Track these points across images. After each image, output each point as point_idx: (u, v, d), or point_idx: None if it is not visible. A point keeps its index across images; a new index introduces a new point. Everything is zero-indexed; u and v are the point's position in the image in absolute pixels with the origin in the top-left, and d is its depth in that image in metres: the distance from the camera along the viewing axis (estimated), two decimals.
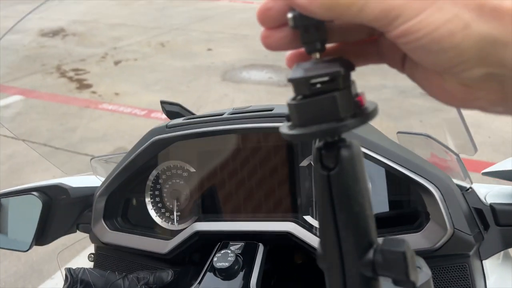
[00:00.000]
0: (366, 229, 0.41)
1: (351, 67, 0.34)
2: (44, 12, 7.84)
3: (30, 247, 0.96)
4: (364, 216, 0.40)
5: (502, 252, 0.75)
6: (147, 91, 4.82)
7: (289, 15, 0.33)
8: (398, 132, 0.76)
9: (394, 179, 0.68)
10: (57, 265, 1.12)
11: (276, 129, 0.71)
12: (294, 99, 0.37)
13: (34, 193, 0.94)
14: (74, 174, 1.01)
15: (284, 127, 0.39)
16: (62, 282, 0.82)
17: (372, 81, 4.63)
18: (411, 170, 0.64)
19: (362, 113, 0.37)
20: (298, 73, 0.34)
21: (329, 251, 0.41)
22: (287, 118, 0.39)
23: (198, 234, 0.76)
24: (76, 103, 4.71)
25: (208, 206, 0.80)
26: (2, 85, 5.28)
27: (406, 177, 0.64)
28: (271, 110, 0.72)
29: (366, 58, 0.35)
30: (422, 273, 0.50)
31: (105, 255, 0.87)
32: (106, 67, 5.82)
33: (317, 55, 0.34)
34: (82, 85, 5.19)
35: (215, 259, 0.68)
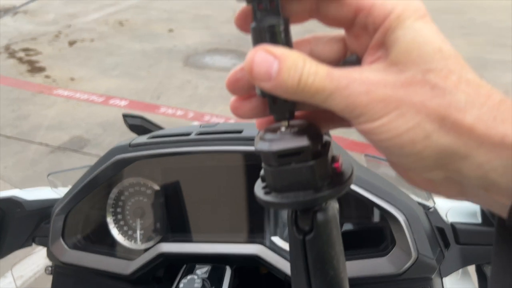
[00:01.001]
0: None
1: (320, 138, 0.33)
2: None
3: None
4: (339, 279, 0.39)
5: (461, 269, 0.78)
6: (104, 76, 4.64)
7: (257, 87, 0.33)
8: (366, 155, 0.76)
9: (360, 202, 0.69)
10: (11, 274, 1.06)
11: (245, 152, 0.70)
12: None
13: None
14: (29, 188, 0.95)
15: (259, 189, 0.37)
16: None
17: None
18: (377, 196, 0.65)
19: (339, 180, 0.36)
20: (264, 146, 0.33)
21: None
22: (262, 178, 0.37)
23: (163, 255, 0.74)
24: (29, 87, 4.47)
25: (173, 226, 0.78)
26: None
27: (372, 203, 0.65)
28: (240, 132, 0.70)
29: (337, 123, 0.35)
30: None
31: (63, 273, 0.83)
32: (60, 48, 5.54)
33: (286, 124, 0.33)
34: (34, 68, 4.93)
35: (181, 285, 0.66)
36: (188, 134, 0.71)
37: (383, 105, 0.27)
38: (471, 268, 0.81)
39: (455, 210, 0.78)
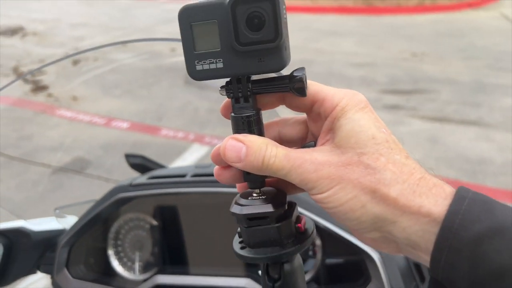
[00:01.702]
0: None
1: (283, 205, 0.41)
2: (1, 8, 7.51)
3: None
4: None
5: None
6: (106, 95, 4.73)
7: None
8: None
9: (339, 239, 0.75)
10: None
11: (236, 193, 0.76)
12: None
13: None
14: (34, 218, 1.01)
15: (236, 244, 0.44)
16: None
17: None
18: (352, 235, 0.71)
19: (302, 238, 0.43)
20: (237, 209, 0.40)
21: None
22: (238, 234, 0.44)
23: (159, 287, 0.80)
24: (31, 107, 4.56)
25: (169, 259, 0.83)
26: None
27: (346, 241, 0.71)
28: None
29: (300, 189, 0.42)
30: None
31: None
32: (64, 67, 5.65)
33: (257, 191, 0.41)
34: (38, 87, 5.03)
35: None
36: (184, 176, 0.78)
37: (328, 181, 0.34)
38: None
39: None
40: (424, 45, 6.34)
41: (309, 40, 6.77)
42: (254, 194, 0.42)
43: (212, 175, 0.77)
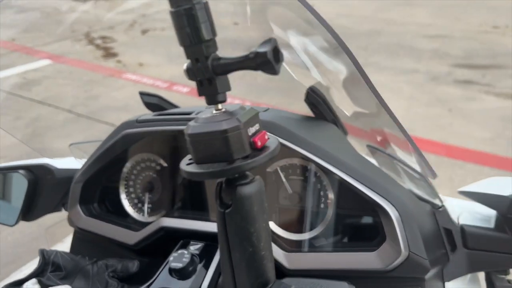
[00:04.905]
0: (261, 270, 0.40)
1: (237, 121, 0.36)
2: None
3: (17, 222, 1.00)
4: (259, 257, 0.39)
5: (469, 275, 0.73)
6: (171, 63, 4.84)
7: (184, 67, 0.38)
8: (368, 145, 0.73)
9: (355, 193, 0.67)
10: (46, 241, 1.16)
11: None
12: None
13: (21, 171, 0.97)
14: (56, 157, 1.03)
15: (184, 161, 0.39)
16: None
17: (405, 63, 4.49)
18: (368, 187, 0.62)
19: (255, 155, 0.36)
20: (187, 128, 0.37)
21: (226, 286, 0.41)
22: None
23: (164, 229, 0.77)
24: (101, 71, 4.79)
25: (177, 202, 0.81)
26: (32, 49, 5.41)
27: (362, 194, 0.63)
28: None
29: None
30: None
31: (81, 238, 0.89)
32: (133, 36, 5.85)
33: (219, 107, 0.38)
34: (109, 54, 5.26)
35: (171, 258, 0.68)
36: (190, 113, 0.74)
37: None
38: (482, 276, 0.75)
39: (468, 212, 0.73)
40: (508, 18, 5.73)
41: (380, 9, 6.40)
42: (214, 111, 0.37)
43: None
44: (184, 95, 4.12)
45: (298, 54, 0.70)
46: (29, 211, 1.00)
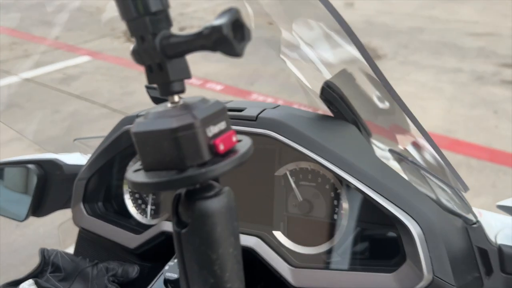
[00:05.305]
0: None
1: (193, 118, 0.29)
2: None
3: (26, 218, 0.98)
4: None
5: None
6: (205, 61, 4.83)
7: None
8: (390, 150, 0.64)
9: (373, 205, 0.58)
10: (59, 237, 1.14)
11: (244, 132, 0.64)
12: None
13: (30, 166, 0.95)
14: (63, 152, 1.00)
15: (134, 166, 0.32)
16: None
17: (448, 62, 4.27)
18: (386, 199, 0.54)
19: (215, 161, 0.29)
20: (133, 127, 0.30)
21: None
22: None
23: (165, 234, 0.72)
24: (137, 67, 4.84)
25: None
26: (74, 46, 5.57)
27: (380, 206, 0.54)
28: (241, 111, 0.64)
29: None
30: None
31: (84, 238, 0.86)
32: None
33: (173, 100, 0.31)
34: None
35: (166, 267, 0.63)
36: None
37: None
38: None
39: (508, 230, 0.63)
40: None
41: (422, 6, 6.14)
42: (169, 105, 0.30)
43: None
44: (218, 92, 4.10)
45: (311, 47, 0.62)
46: (39, 207, 0.98)
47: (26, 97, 4.23)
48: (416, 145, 0.63)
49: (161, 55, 0.29)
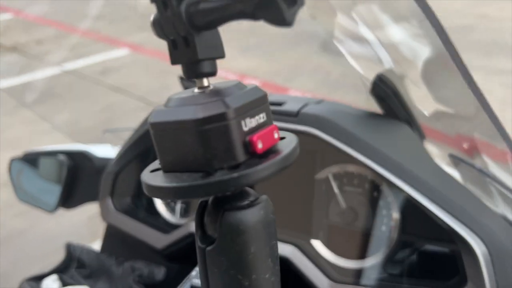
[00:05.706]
0: None
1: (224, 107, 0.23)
2: None
3: (56, 208, 0.96)
4: None
5: None
6: (243, 56, 4.80)
7: None
8: (450, 155, 0.56)
9: (428, 217, 0.51)
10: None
11: (284, 129, 0.58)
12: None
13: (61, 156, 0.93)
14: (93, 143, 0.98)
15: (151, 166, 0.27)
16: None
17: (500, 63, 4.04)
18: (446, 210, 0.46)
19: (251, 164, 0.23)
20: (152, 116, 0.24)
21: None
22: None
23: (193, 236, 0.67)
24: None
25: None
26: (115, 39, 5.68)
27: (437, 219, 0.47)
28: (280, 105, 0.58)
29: None
30: None
31: (111, 234, 0.82)
32: None
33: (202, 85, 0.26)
34: None
35: (193, 273, 0.58)
36: None
37: None
38: None
39: None
40: None
41: (473, 4, 5.85)
42: (196, 90, 0.25)
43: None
44: None
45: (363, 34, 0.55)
46: (68, 199, 0.96)
47: (67, 88, 4.35)
48: (485, 150, 0.54)
49: (187, 26, 0.23)
